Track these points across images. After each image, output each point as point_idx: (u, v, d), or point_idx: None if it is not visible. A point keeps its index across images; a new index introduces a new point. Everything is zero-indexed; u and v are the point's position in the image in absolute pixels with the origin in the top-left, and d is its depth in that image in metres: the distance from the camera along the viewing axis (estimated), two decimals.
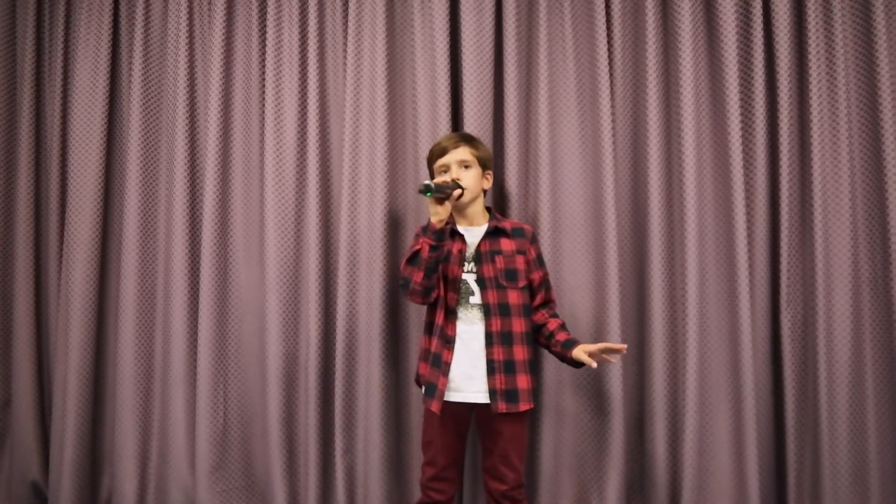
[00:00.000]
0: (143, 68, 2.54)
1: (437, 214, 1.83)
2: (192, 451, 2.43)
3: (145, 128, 2.54)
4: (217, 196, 2.45)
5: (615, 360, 1.90)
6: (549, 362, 2.24)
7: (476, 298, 1.94)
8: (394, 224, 2.37)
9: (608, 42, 2.31)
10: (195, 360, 2.46)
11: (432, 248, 1.83)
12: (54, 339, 2.62)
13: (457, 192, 1.88)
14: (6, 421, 2.67)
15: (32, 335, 2.63)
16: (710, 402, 2.22)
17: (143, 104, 2.54)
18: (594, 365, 1.84)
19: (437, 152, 2.03)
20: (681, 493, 2.17)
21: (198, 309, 2.47)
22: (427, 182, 1.78)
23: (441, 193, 1.80)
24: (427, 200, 1.83)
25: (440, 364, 1.90)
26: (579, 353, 1.88)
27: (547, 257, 2.24)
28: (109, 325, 2.59)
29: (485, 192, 2.08)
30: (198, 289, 2.48)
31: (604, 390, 2.24)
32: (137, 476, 2.48)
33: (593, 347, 1.88)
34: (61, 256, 2.60)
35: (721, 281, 2.24)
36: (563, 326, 2.00)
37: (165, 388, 2.48)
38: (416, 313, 2.35)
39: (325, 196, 2.43)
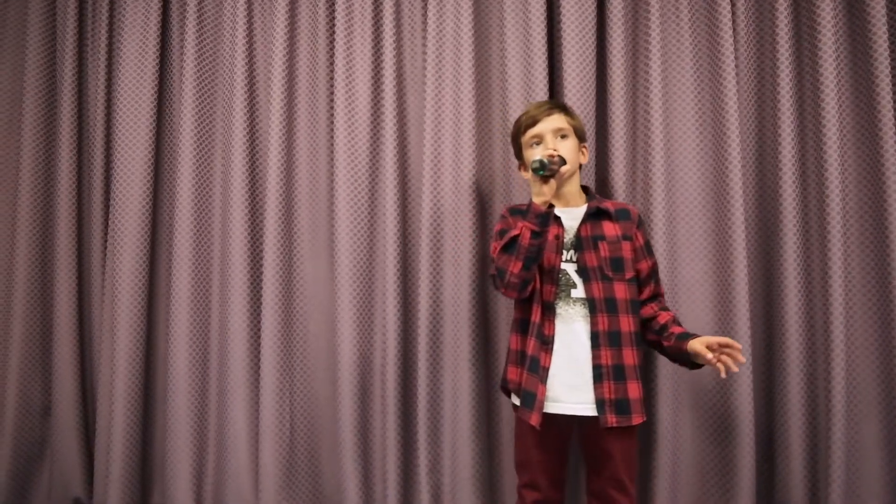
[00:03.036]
0: (196, 38, 2.28)
1: (542, 195, 1.55)
2: (256, 467, 2.17)
3: (199, 106, 2.28)
4: (281, 180, 2.19)
5: (735, 367, 1.55)
6: (664, 372, 1.95)
7: (578, 292, 1.64)
8: (482, 209, 2.09)
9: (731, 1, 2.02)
10: (257, 365, 2.20)
11: (534, 234, 1.54)
12: (98, 340, 2.37)
13: (564, 167, 1.60)
14: (46, 431, 2.43)
15: (75, 336, 2.38)
16: (858, 415, 1.92)
17: (197, 78, 2.28)
18: (712, 360, 1.54)
19: (525, 123, 1.75)
20: None
21: (259, 306, 2.22)
22: (540, 158, 1.52)
23: (550, 171, 1.53)
24: (532, 179, 1.55)
25: (538, 369, 1.60)
26: (696, 344, 1.57)
27: (661, 248, 1.96)
28: (160, 326, 2.34)
29: (580, 167, 1.80)
30: (258, 284, 2.23)
31: (730, 400, 1.94)
32: (192, 493, 2.22)
33: (713, 340, 1.56)
34: (105, 249, 2.36)
35: (869, 278, 1.93)
36: (676, 320, 1.70)
37: (223, 397, 2.22)
38: (507, 309, 2.07)
39: (403, 178, 2.16)
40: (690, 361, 1.63)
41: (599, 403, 1.58)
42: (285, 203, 2.20)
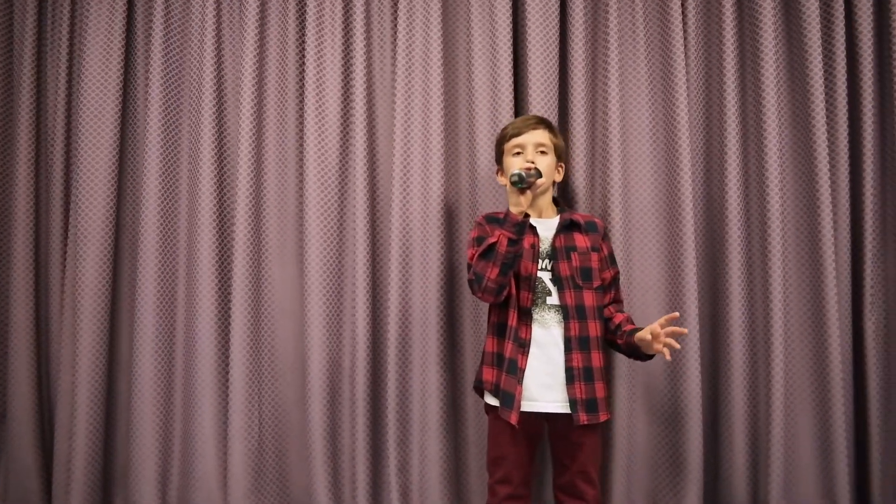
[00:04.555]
0: (163, 44, 2.28)
1: (519, 205, 1.65)
2: (224, 471, 2.18)
3: (165, 112, 2.28)
4: (250, 187, 2.21)
5: (676, 344, 1.67)
6: (621, 369, 2.08)
7: (553, 299, 1.76)
8: (449, 216, 2.18)
9: (683, 21, 2.16)
10: (225, 369, 2.22)
11: (511, 241, 1.65)
12: (57, 346, 2.33)
13: (539, 180, 1.71)
14: (1, 438, 2.36)
15: (31, 343, 2.32)
16: (795, 408, 2.09)
17: (164, 84, 2.28)
18: (658, 347, 1.66)
19: (511, 132, 1.86)
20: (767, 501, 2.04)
21: (226, 312, 2.24)
22: (518, 171, 1.63)
23: (527, 183, 1.63)
24: (509, 190, 1.66)
25: (515, 371, 1.72)
26: (643, 332, 1.70)
27: (618, 255, 2.08)
28: (122, 331, 2.32)
29: (555, 184, 1.92)
30: (226, 290, 2.25)
31: (679, 398, 2.08)
32: (158, 499, 2.21)
33: (655, 325, 1.68)
34: (65, 254, 2.32)
35: (804, 282, 2.11)
36: (630, 319, 1.85)
37: (189, 402, 2.22)
38: (471, 313, 2.16)
39: (372, 185, 2.22)
40: (644, 354, 1.76)
41: (572, 403, 1.70)
42: (254, 210, 2.23)
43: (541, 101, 2.11)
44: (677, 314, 1.70)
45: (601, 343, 1.78)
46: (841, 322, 2.09)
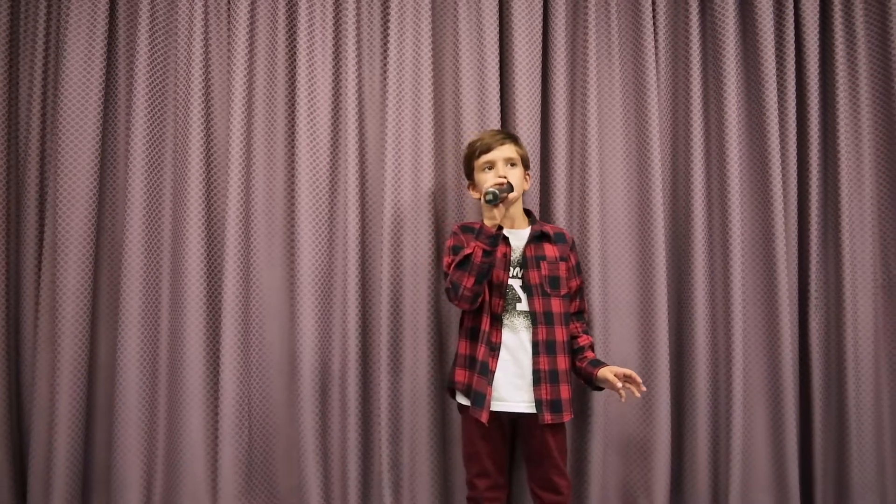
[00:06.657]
0: (148, 43, 2.27)
1: (493, 218, 1.78)
2: (213, 474, 2.20)
3: (150, 114, 2.28)
4: (240, 193, 2.24)
5: (637, 394, 1.87)
6: None
7: (523, 305, 1.90)
8: (437, 221, 2.27)
9: (655, 40, 2.33)
10: (214, 374, 2.24)
11: (486, 252, 1.78)
12: (31, 352, 2.27)
13: (511, 194, 1.84)
14: None
15: (3, 348, 2.26)
16: (752, 405, 2.29)
17: (149, 88, 2.27)
18: (619, 386, 1.83)
19: (480, 148, 1.96)
20: (727, 489, 2.22)
21: (214, 316, 2.26)
22: (492, 190, 1.75)
23: (500, 199, 1.76)
24: (483, 205, 1.78)
25: (486, 372, 1.85)
26: (606, 372, 1.88)
27: (595, 264, 2.24)
28: (101, 337, 2.29)
29: (523, 193, 2.04)
30: (214, 294, 2.27)
31: (650, 394, 2.24)
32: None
33: (619, 370, 1.87)
34: (40, 259, 2.27)
35: (760, 285, 2.31)
36: (592, 346, 2.00)
37: (175, 406, 2.23)
38: (460, 314, 2.24)
39: (363, 192, 2.29)
40: (594, 384, 1.94)
41: (538, 403, 1.84)
42: (244, 214, 2.26)
43: (525, 118, 2.23)
44: (640, 380, 1.85)
45: (567, 347, 1.92)
46: (791, 322, 2.30)
